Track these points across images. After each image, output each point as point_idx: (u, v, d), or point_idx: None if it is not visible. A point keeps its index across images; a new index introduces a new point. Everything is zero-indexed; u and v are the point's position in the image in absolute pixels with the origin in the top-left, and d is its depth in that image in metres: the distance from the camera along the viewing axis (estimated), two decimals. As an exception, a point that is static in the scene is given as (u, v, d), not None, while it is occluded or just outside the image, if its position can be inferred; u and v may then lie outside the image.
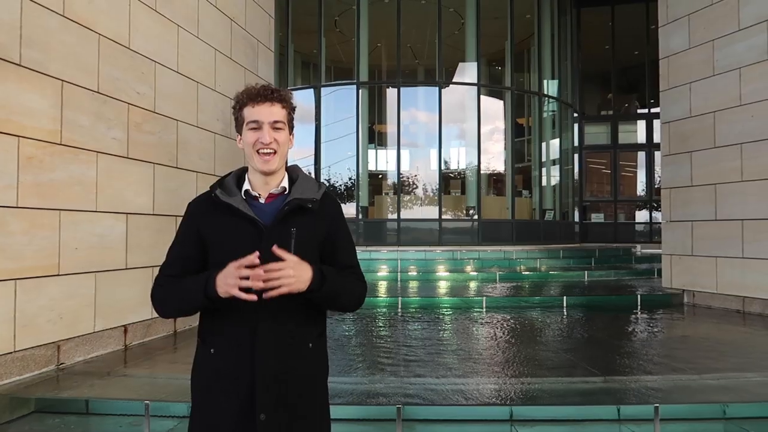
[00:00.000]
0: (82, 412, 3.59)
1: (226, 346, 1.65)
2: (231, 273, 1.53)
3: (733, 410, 3.46)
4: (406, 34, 14.68)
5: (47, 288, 4.16)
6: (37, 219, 4.07)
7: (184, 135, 5.89)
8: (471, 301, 7.90)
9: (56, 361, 4.24)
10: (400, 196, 14.30)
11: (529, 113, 16.43)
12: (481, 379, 4.13)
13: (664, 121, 8.50)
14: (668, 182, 8.41)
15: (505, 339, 5.81)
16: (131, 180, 5.11)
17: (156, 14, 5.48)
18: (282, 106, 1.70)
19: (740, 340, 5.77)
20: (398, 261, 11.82)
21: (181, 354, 4.95)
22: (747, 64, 7.13)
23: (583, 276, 10.80)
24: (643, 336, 6.07)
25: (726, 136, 7.39)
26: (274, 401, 1.60)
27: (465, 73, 15.30)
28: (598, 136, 19.62)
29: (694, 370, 4.31)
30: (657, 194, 17.41)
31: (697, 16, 7.91)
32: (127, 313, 5.04)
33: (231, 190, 1.72)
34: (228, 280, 1.53)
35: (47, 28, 4.19)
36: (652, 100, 18.03)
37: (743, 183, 7.13)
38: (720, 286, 7.49)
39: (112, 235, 4.86)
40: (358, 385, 3.97)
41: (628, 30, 18.24)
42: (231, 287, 1.53)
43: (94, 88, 4.66)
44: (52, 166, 4.20)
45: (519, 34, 15.40)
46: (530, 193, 16.26)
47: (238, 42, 7.08)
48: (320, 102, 14.54)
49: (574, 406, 3.60)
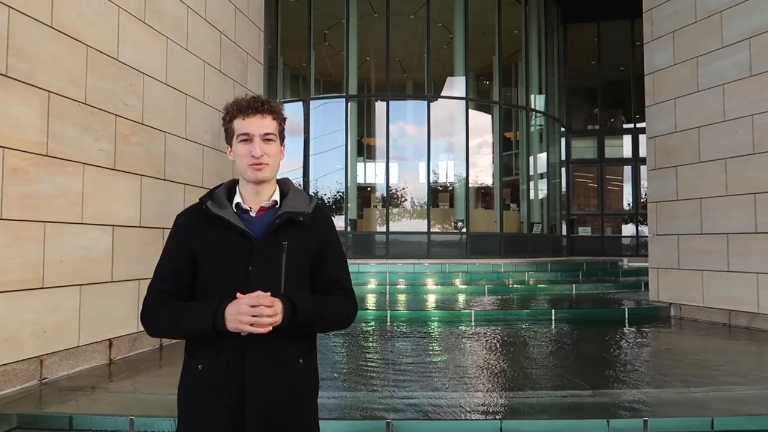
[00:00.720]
0: (65, 428, 3.51)
1: (215, 362, 1.62)
2: (246, 311, 1.50)
3: (721, 423, 3.47)
4: (395, 48, 14.80)
5: (31, 301, 4.09)
6: (21, 231, 4.01)
7: (172, 147, 5.86)
8: (460, 314, 7.89)
9: (39, 375, 4.16)
10: (389, 209, 14.33)
11: (517, 127, 16.58)
12: (470, 393, 4.11)
13: (650, 136, 8.61)
14: (654, 196, 8.49)
15: (493, 352, 5.80)
16: (118, 192, 5.06)
17: (145, 26, 5.47)
18: (273, 117, 1.69)
19: (727, 353, 5.80)
20: (387, 274, 11.81)
21: (167, 369, 4.88)
22: (730, 81, 7.24)
23: (571, 289, 10.84)
24: (631, 349, 6.09)
25: (710, 151, 7.49)
26: (264, 418, 1.58)
27: (453, 87, 15.43)
28: (585, 151, 19.83)
29: (682, 383, 4.32)
30: (643, 208, 17.59)
31: (681, 33, 8.04)
32: (112, 326, 4.97)
33: (222, 203, 1.69)
34: (243, 317, 1.50)
35: (35, 39, 4.17)
36: (637, 115, 18.26)
37: (728, 197, 7.21)
38: (706, 299, 7.54)
39: (98, 247, 4.80)
40: (346, 400, 3.93)
41: (614, 46, 18.52)
42: (244, 325, 1.50)
43: (82, 100, 4.63)
44: (37, 178, 4.15)
45: (507, 49, 15.58)
46: (518, 207, 16.36)
47: (228, 54, 7.08)
48: (309, 115, 14.57)
49: (563, 420, 3.59)
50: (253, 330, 1.50)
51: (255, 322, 1.50)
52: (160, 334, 1.71)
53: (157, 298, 1.67)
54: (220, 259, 1.63)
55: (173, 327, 1.63)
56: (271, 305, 1.52)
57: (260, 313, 1.50)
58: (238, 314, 1.50)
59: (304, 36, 14.70)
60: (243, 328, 1.50)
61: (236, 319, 1.51)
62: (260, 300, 1.50)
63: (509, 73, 16.76)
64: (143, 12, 5.43)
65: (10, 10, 3.94)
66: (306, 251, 1.70)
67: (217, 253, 1.64)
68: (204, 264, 1.66)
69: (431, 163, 14.43)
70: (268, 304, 1.51)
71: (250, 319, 1.49)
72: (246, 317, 1.50)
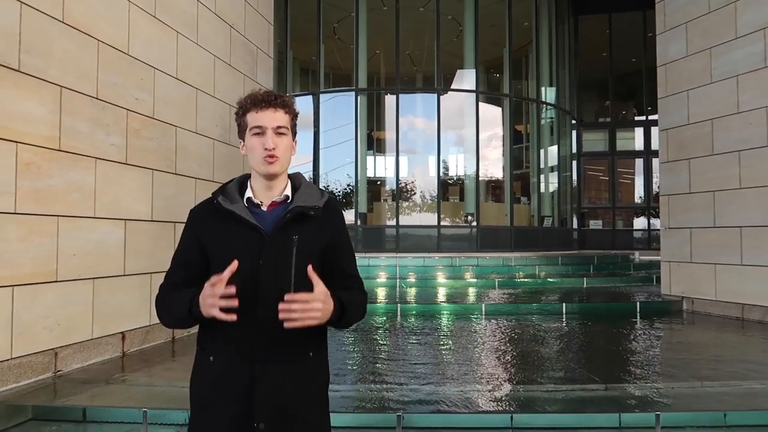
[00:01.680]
0: (79, 420, 3.55)
1: (226, 354, 1.63)
2: (207, 293, 1.50)
3: (733, 418, 3.44)
4: (404, 41, 14.74)
5: (45, 295, 4.14)
6: (34, 225, 4.05)
7: (182, 141, 5.88)
8: (470, 308, 7.88)
9: (53, 368, 4.21)
10: (399, 203, 14.31)
11: (528, 120, 16.48)
12: (480, 387, 4.11)
13: (662, 129, 8.52)
14: (666, 189, 8.42)
15: (504, 346, 5.80)
16: (130, 186, 5.10)
17: (155, 21, 5.48)
18: (285, 111, 1.69)
19: (740, 348, 5.76)
20: (397, 267, 11.80)
21: (179, 361, 4.92)
22: (744, 72, 7.15)
23: (582, 283, 10.80)
24: (642, 343, 6.05)
25: (724, 144, 7.41)
26: (274, 410, 1.58)
27: (463, 80, 15.36)
28: (596, 143, 19.69)
29: (694, 378, 4.30)
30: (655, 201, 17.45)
31: (695, 24, 7.94)
32: (125, 319, 5.01)
33: (233, 197, 1.70)
34: (206, 301, 1.50)
35: (46, 34, 4.19)
36: (649, 108, 18.10)
37: (742, 190, 7.14)
38: (719, 293, 7.48)
39: (110, 241, 4.84)
40: (357, 393, 3.95)
41: (625, 38, 18.35)
42: (210, 308, 1.49)
43: (93, 94, 4.65)
44: (50, 172, 4.19)
45: (517, 42, 15.48)
46: (528, 200, 16.29)
47: (237, 48, 7.09)
48: (319, 108, 14.58)
49: (574, 414, 3.58)
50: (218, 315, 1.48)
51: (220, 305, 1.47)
52: (166, 323, 1.74)
53: (169, 289, 1.70)
54: (231, 253, 1.63)
55: (167, 315, 1.68)
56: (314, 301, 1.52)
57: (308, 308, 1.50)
58: (202, 299, 1.51)
59: (314, 29, 14.68)
60: (210, 311, 1.49)
61: (203, 303, 1.51)
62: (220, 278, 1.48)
63: (520, 66, 16.65)
64: (153, 6, 5.44)
65: (22, 5, 3.97)
66: (317, 245, 1.70)
67: (227, 247, 1.65)
68: (215, 258, 1.67)
69: (441, 157, 14.39)
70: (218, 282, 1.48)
71: (212, 302, 1.49)
72: (208, 299, 1.49)
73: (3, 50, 3.81)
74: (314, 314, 1.52)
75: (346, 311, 1.63)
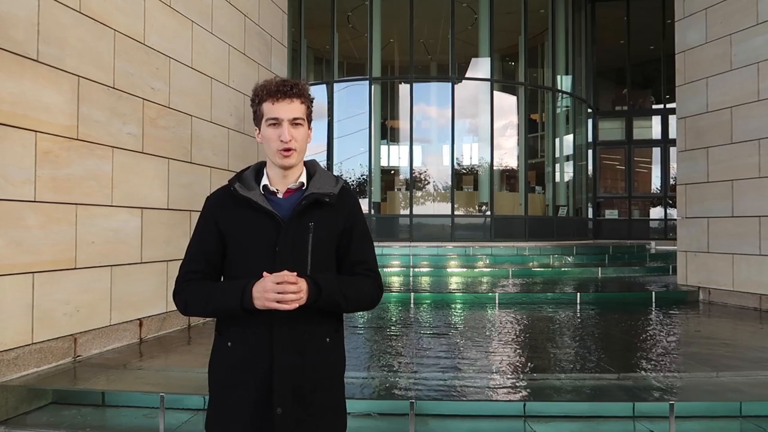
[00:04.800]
0: (98, 403, 3.63)
1: (244, 340, 1.66)
2: (271, 288, 1.53)
3: (749, 408, 3.43)
4: (418, 29, 14.65)
5: (64, 281, 4.21)
6: (53, 213, 4.12)
7: (198, 130, 5.92)
8: (484, 297, 7.88)
9: (73, 353, 4.29)
10: (413, 192, 14.30)
11: (543, 109, 16.33)
12: (494, 375, 4.13)
13: (680, 117, 8.41)
14: (684, 178, 8.32)
15: (518, 335, 5.80)
16: (146, 175, 5.15)
17: (170, 10, 5.51)
18: (301, 101, 1.70)
19: (757, 338, 5.70)
20: (410, 257, 11.83)
21: (195, 347, 4.99)
22: (765, 59, 7.02)
23: (597, 273, 10.73)
24: (657, 333, 6.02)
25: (743, 132, 7.30)
26: (291, 395, 1.61)
27: (478, 68, 15.24)
28: (613, 132, 19.45)
29: (710, 368, 4.27)
30: (672, 190, 17.25)
31: (714, 10, 7.80)
32: (142, 306, 5.09)
33: (249, 185, 1.72)
34: (268, 295, 1.53)
35: (64, 24, 4.23)
36: (667, 96, 17.83)
37: (761, 179, 7.03)
38: (736, 283, 7.40)
39: (127, 229, 4.90)
40: (371, 380, 3.98)
41: (643, 25, 18.05)
42: (270, 302, 1.53)
43: (110, 84, 4.69)
44: (68, 161, 4.24)
45: (533, 29, 15.29)
46: (543, 189, 16.17)
47: (252, 37, 7.10)
48: (333, 98, 14.57)
49: (587, 402, 3.59)
50: (278, 306, 1.54)
51: (281, 299, 1.53)
52: (190, 313, 1.76)
53: (188, 277, 1.72)
54: (248, 240, 1.66)
55: (204, 306, 1.68)
56: (296, 283, 1.55)
57: (285, 290, 1.53)
58: (263, 291, 1.54)
59: (328, 18, 14.65)
60: (269, 305, 1.54)
61: (262, 296, 1.54)
62: (285, 278, 1.54)
63: (535, 54, 16.46)
64: (168, -4, 5.46)
65: (39, -5, 4.00)
66: (332, 232, 1.72)
67: (244, 234, 1.67)
68: (232, 245, 1.70)
69: (455, 146, 14.34)
70: (293, 281, 1.54)
71: (276, 296, 1.53)
72: (271, 294, 1.53)
73: (22, 40, 3.86)
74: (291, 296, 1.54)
75: (324, 292, 1.61)
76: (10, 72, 3.78)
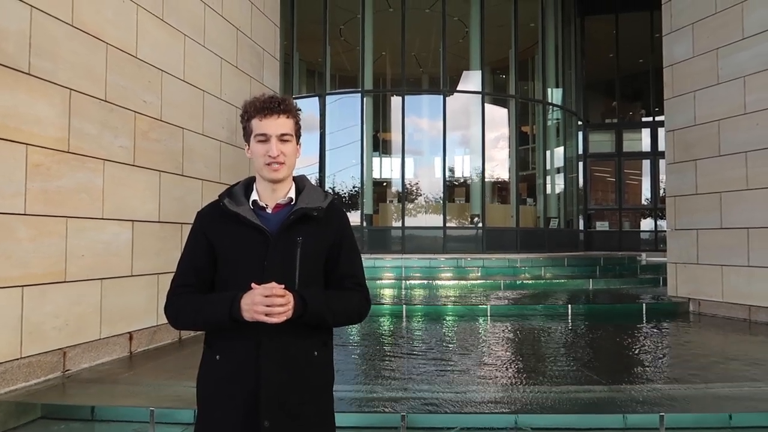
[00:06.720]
0: (87, 418, 3.60)
1: (232, 352, 1.66)
2: (260, 300, 1.54)
3: (739, 419, 3.44)
4: (410, 42, 14.77)
5: (53, 295, 4.18)
6: (44, 226, 4.10)
7: (189, 143, 5.93)
8: (476, 310, 7.89)
9: (62, 367, 4.25)
10: (405, 204, 14.33)
11: (534, 121, 16.46)
12: (485, 387, 4.13)
13: (669, 129, 8.50)
14: (673, 190, 8.40)
15: (509, 347, 5.80)
16: (137, 187, 5.14)
17: (163, 23, 5.53)
18: (288, 117, 1.72)
19: (746, 349, 5.74)
20: (402, 268, 11.83)
21: (186, 361, 4.95)
22: (751, 73, 7.13)
23: (588, 284, 10.77)
24: (648, 345, 6.05)
25: (731, 144, 7.38)
26: (278, 408, 1.61)
27: (469, 81, 15.36)
28: (603, 144, 19.60)
29: (700, 379, 4.29)
30: (662, 202, 17.37)
31: (701, 25, 7.92)
32: (132, 319, 5.05)
33: (239, 200, 1.74)
34: (257, 308, 1.54)
35: (56, 37, 4.24)
36: (656, 108, 18.02)
37: (749, 191, 7.11)
38: (726, 294, 7.45)
39: (118, 242, 4.89)
40: (362, 393, 3.97)
41: (632, 38, 18.27)
42: (259, 314, 1.54)
43: (102, 97, 4.70)
44: (59, 174, 4.24)
45: (523, 43, 15.45)
46: (534, 201, 16.25)
47: (244, 51, 7.13)
48: (325, 110, 14.61)
49: (578, 415, 3.59)
50: (266, 320, 1.54)
51: (269, 312, 1.54)
52: (181, 326, 1.76)
53: (179, 291, 1.73)
54: (237, 254, 1.68)
55: (194, 318, 1.69)
56: (284, 296, 1.56)
57: (273, 303, 1.54)
58: (252, 304, 1.55)
59: (320, 31, 14.73)
60: (257, 317, 1.55)
61: (251, 309, 1.55)
62: (273, 290, 1.55)
63: (526, 67, 16.61)
64: (161, 9, 5.49)
65: (32, 9, 4.02)
66: (320, 246, 1.73)
67: (234, 249, 1.69)
68: (222, 259, 1.71)
69: (447, 158, 14.40)
70: (281, 293, 1.55)
71: (264, 309, 1.54)
72: (260, 307, 1.54)
73: (14, 53, 3.86)
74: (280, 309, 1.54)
75: (309, 306, 1.61)
76: (2, 85, 3.78)
